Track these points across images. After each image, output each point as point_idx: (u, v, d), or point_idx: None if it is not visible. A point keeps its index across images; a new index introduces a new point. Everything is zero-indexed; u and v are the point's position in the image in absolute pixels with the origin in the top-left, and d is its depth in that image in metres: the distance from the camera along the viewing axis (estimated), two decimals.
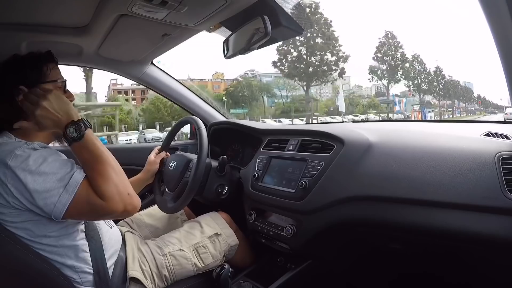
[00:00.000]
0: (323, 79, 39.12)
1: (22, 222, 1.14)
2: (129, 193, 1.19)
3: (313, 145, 1.60)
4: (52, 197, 1.09)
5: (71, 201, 1.10)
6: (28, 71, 1.27)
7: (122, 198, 1.15)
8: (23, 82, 1.23)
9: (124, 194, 1.16)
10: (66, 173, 1.12)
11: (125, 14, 1.39)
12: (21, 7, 1.36)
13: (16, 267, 1.16)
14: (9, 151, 1.11)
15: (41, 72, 1.29)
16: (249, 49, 1.48)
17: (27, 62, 1.29)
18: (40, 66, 1.29)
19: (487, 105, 66.20)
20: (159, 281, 1.45)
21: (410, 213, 1.20)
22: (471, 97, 61.56)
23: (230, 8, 1.35)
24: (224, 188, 1.79)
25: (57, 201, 1.09)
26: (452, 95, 50.81)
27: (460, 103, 55.27)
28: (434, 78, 48.52)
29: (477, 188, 1.08)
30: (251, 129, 2.11)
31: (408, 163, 1.25)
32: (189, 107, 2.48)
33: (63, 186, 1.10)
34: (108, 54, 1.98)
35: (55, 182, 1.10)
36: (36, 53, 1.33)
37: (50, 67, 1.31)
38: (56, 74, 1.34)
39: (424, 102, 48.47)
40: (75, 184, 1.11)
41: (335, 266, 1.65)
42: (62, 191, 1.09)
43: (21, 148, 1.12)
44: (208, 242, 1.60)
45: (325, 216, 1.41)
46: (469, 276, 1.42)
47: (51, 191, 1.09)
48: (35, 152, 1.13)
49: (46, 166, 1.11)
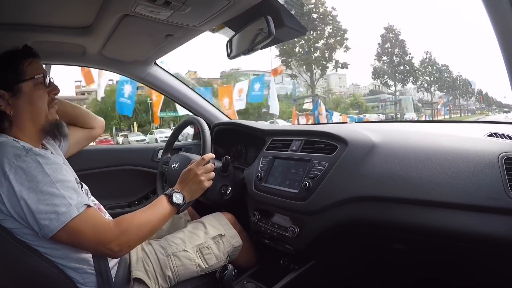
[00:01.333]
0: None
1: (20, 228, 1.15)
2: (130, 245, 1.27)
3: (317, 145, 1.60)
4: (41, 220, 1.09)
5: (61, 229, 1.10)
6: (5, 72, 1.26)
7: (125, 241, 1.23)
8: (1, 85, 1.24)
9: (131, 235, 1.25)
10: (64, 200, 1.13)
11: (128, 15, 1.40)
12: (25, 7, 1.36)
13: (18, 268, 1.17)
14: (9, 157, 1.11)
15: (17, 71, 1.27)
16: (253, 50, 1.48)
17: (3, 62, 1.28)
18: (15, 64, 1.28)
19: (489, 102, 63.05)
20: (163, 282, 1.44)
21: (414, 214, 1.19)
22: (470, 92, 55.93)
23: (234, 8, 1.35)
24: (227, 189, 1.79)
25: (45, 225, 1.10)
26: (446, 87, 48.11)
27: (457, 100, 52.10)
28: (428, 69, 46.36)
29: (480, 188, 1.07)
30: (254, 130, 2.10)
31: (412, 163, 1.25)
32: (193, 108, 2.48)
33: (56, 213, 1.10)
34: (112, 55, 1.98)
35: (49, 206, 1.10)
36: (12, 51, 1.31)
37: (25, 64, 1.29)
38: (34, 70, 1.31)
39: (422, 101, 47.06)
40: (68, 216, 1.11)
41: (338, 267, 1.65)
42: (53, 217, 1.10)
43: (21, 157, 1.12)
44: (211, 243, 1.60)
45: (328, 216, 1.41)
46: (473, 276, 1.41)
47: (43, 213, 1.09)
48: (36, 166, 1.13)
49: (44, 185, 1.11)
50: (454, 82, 49.12)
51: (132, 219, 1.25)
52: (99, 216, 1.22)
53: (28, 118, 1.28)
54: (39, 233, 1.11)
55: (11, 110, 1.25)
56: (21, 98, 1.27)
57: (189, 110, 2.50)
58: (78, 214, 1.13)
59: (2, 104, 1.24)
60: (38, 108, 1.31)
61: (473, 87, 54.22)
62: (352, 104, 51.18)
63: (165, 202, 1.36)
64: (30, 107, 1.29)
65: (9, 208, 1.10)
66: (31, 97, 1.29)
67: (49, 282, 1.20)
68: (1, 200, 1.10)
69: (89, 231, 1.15)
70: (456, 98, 50.41)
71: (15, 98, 1.26)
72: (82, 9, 1.43)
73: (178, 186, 1.46)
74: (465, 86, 52.14)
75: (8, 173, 1.09)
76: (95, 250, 1.25)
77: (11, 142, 1.17)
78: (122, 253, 1.24)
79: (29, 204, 1.08)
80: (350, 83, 52.48)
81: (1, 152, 1.12)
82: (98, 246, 1.20)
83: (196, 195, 1.50)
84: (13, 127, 1.26)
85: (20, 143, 1.17)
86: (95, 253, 1.28)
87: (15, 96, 1.26)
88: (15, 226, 1.14)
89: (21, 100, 1.27)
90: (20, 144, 1.16)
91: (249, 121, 2.29)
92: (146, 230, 1.28)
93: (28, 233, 1.15)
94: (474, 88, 53.79)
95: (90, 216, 1.17)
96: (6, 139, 1.19)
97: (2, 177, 1.09)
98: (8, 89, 1.25)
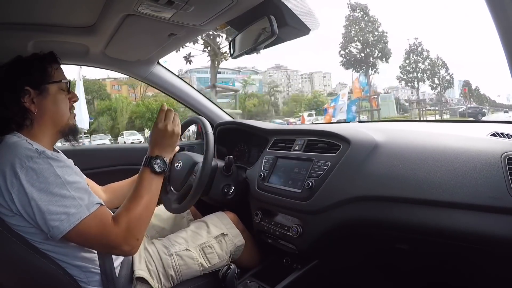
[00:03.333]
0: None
1: (27, 226, 1.14)
2: (138, 239, 1.24)
3: (320, 145, 1.60)
4: (51, 221, 1.09)
5: (70, 230, 1.10)
6: (34, 72, 1.29)
7: (132, 235, 1.21)
8: (29, 83, 1.26)
9: (137, 233, 1.23)
10: (74, 201, 1.13)
11: (131, 14, 1.40)
12: (28, 7, 1.36)
13: (21, 267, 1.17)
14: (20, 158, 1.11)
15: (46, 73, 1.32)
16: (256, 49, 1.48)
17: (31, 63, 1.31)
18: (45, 66, 1.32)
19: (481, 100, 59.07)
20: (166, 281, 1.45)
21: (417, 213, 1.19)
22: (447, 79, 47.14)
23: (237, 8, 1.35)
24: (230, 188, 1.79)
25: (55, 226, 1.09)
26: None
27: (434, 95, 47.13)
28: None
29: (483, 188, 1.07)
30: (257, 129, 2.11)
31: (415, 163, 1.25)
32: (196, 107, 2.48)
33: (66, 214, 1.10)
34: (115, 54, 1.99)
35: (60, 207, 1.10)
36: (40, 54, 1.35)
37: (54, 68, 1.34)
38: (60, 75, 1.37)
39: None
40: (78, 217, 1.11)
41: (341, 267, 1.65)
42: (64, 218, 1.10)
43: (33, 159, 1.12)
44: (214, 242, 1.60)
45: (331, 216, 1.41)
46: (476, 276, 1.41)
47: (53, 214, 1.09)
48: (47, 167, 1.13)
49: (55, 187, 1.11)
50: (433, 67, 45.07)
51: (127, 213, 1.23)
52: (110, 216, 1.22)
53: (50, 118, 1.31)
54: (48, 234, 1.11)
55: (35, 108, 1.27)
56: (47, 98, 1.30)
57: (192, 109, 2.50)
58: (89, 214, 1.13)
59: (27, 101, 1.26)
60: (62, 110, 1.35)
61: (450, 73, 47.45)
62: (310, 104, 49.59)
63: (149, 176, 1.35)
64: (54, 108, 1.32)
65: (19, 208, 1.10)
66: (56, 98, 1.32)
67: (51, 280, 1.20)
68: (11, 200, 1.10)
69: (98, 232, 1.15)
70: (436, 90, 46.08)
71: (41, 97, 1.29)
72: (85, 9, 1.43)
73: (153, 150, 1.42)
74: (443, 67, 46.68)
75: (20, 174, 1.09)
76: (106, 251, 1.27)
77: (24, 143, 1.17)
78: (134, 250, 1.24)
79: (39, 205, 1.08)
80: (337, 82, 50.93)
81: (13, 152, 1.13)
82: (108, 248, 1.22)
83: (174, 146, 1.48)
84: (34, 126, 1.27)
85: (33, 145, 1.17)
86: (108, 253, 1.30)
87: (41, 95, 1.29)
88: (23, 224, 1.14)
89: (47, 100, 1.30)
90: (33, 147, 1.16)
91: (252, 121, 2.29)
92: (145, 214, 1.28)
93: (34, 232, 1.15)
94: (451, 74, 47.17)
95: (100, 216, 1.17)
96: (19, 139, 1.19)
97: (13, 177, 1.09)
98: (35, 87, 1.27)
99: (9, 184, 1.09)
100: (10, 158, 1.11)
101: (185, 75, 52.99)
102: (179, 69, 53.68)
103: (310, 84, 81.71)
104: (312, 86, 79.83)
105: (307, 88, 76.91)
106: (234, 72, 67.40)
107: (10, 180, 1.09)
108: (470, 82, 60.78)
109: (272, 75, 79.56)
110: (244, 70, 73.05)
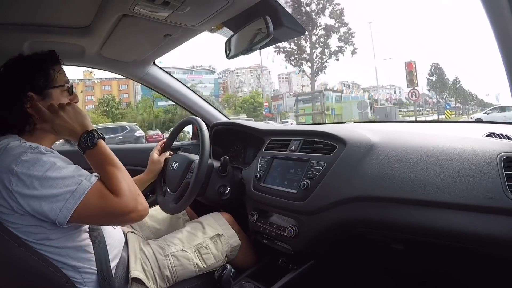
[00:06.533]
0: None
1: (24, 225, 1.14)
2: (139, 194, 1.23)
3: (315, 145, 1.60)
4: (58, 202, 1.09)
5: (77, 207, 1.10)
6: (37, 77, 1.26)
7: (134, 196, 1.19)
8: (32, 89, 1.24)
9: (135, 193, 1.21)
10: (74, 179, 1.13)
11: (127, 15, 1.40)
12: (23, 7, 1.36)
13: (17, 267, 1.16)
14: (15, 157, 1.11)
15: (48, 77, 1.28)
16: (251, 49, 1.48)
17: (34, 66, 1.28)
18: (47, 69, 1.29)
19: (466, 99, 55.96)
20: (161, 282, 1.45)
21: (412, 214, 1.19)
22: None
23: (232, 8, 1.36)
24: (226, 189, 1.80)
25: (63, 206, 1.09)
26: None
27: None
28: None
29: (479, 188, 1.08)
30: (253, 130, 2.10)
31: (410, 163, 1.25)
32: (191, 108, 2.48)
33: (71, 192, 1.10)
34: (110, 55, 1.99)
35: (62, 188, 1.10)
36: (41, 55, 1.32)
37: (56, 70, 1.31)
38: (62, 77, 1.34)
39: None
40: (82, 190, 1.11)
41: (337, 267, 1.65)
42: (69, 196, 1.09)
43: (26, 153, 1.12)
44: (210, 243, 1.60)
45: (327, 216, 1.41)
46: (472, 277, 1.42)
47: (58, 196, 1.09)
48: (41, 157, 1.13)
49: (53, 172, 1.11)
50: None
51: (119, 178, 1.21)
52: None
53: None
54: (56, 221, 1.10)
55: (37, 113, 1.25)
56: (49, 103, 1.26)
57: (188, 110, 2.50)
58: (91, 185, 1.13)
59: (29, 107, 1.23)
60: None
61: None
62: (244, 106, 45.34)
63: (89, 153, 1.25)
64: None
65: (21, 203, 1.09)
66: (59, 103, 1.27)
67: (47, 281, 1.19)
68: (12, 197, 1.09)
69: (103, 201, 1.14)
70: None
71: (44, 102, 1.25)
72: (81, 9, 1.43)
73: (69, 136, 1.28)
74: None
75: (16, 169, 1.08)
76: (121, 216, 1.19)
77: (18, 143, 1.17)
78: (144, 208, 1.22)
79: (43, 192, 1.08)
80: (319, 83, 48.52)
81: (8, 154, 1.12)
82: (118, 215, 1.17)
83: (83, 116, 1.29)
84: (35, 130, 1.26)
85: (27, 143, 1.17)
86: (121, 222, 1.32)
87: (44, 100, 1.26)
88: (21, 222, 1.13)
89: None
90: (27, 144, 1.16)
91: (248, 121, 2.29)
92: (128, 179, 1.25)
93: (30, 232, 1.15)
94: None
95: (102, 185, 1.17)
96: (16, 142, 1.18)
97: (10, 175, 1.08)
98: (38, 93, 1.25)
99: (7, 182, 1.08)
100: (7, 162, 1.10)
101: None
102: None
103: (288, 85, 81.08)
104: (290, 87, 79.08)
105: (284, 89, 76.18)
106: (185, 72, 64.90)
107: (8, 179, 1.08)
108: (458, 78, 57.66)
109: (240, 75, 77.61)
110: (198, 69, 69.12)
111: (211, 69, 71.31)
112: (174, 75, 2.49)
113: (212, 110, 2.55)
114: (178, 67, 61.97)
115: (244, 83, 74.33)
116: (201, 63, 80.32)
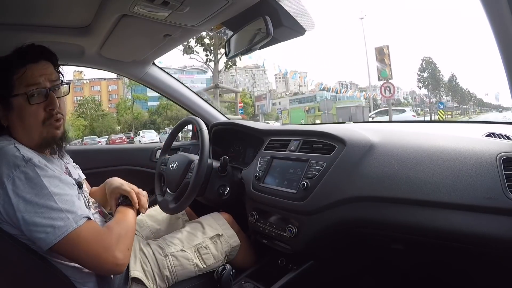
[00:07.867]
0: None
1: (18, 235, 1.13)
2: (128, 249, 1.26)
3: (315, 145, 1.60)
4: (37, 233, 1.08)
5: (57, 243, 1.08)
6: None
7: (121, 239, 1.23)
8: None
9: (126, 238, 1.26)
10: (61, 214, 1.10)
11: (126, 15, 1.40)
12: (23, 7, 1.36)
13: (15, 267, 1.16)
14: (7, 167, 1.09)
15: (7, 84, 1.19)
16: (251, 50, 1.49)
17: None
18: (6, 75, 1.19)
19: (463, 98, 54.81)
20: (161, 282, 1.44)
21: (412, 214, 1.19)
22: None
23: (232, 8, 1.36)
24: (225, 189, 1.80)
25: (41, 238, 1.08)
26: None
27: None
28: None
29: (478, 189, 1.08)
30: (252, 130, 2.10)
31: (410, 163, 1.25)
32: (191, 108, 2.48)
33: (53, 227, 1.08)
34: (110, 55, 1.99)
35: (46, 220, 1.08)
36: (8, 56, 1.22)
37: (17, 75, 1.19)
38: (27, 82, 1.19)
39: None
40: (65, 230, 1.09)
41: (336, 267, 1.65)
42: (49, 230, 1.08)
43: (19, 168, 1.09)
44: (209, 243, 1.60)
45: (326, 216, 1.41)
46: (471, 277, 1.42)
47: (39, 227, 1.07)
48: (34, 176, 1.10)
49: (41, 198, 1.09)
50: None
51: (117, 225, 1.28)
52: (99, 228, 1.20)
53: (22, 132, 1.23)
54: (36, 245, 1.10)
55: (5, 122, 1.23)
56: (13, 113, 1.21)
57: (188, 110, 2.50)
58: (77, 227, 1.11)
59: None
60: (29, 125, 1.22)
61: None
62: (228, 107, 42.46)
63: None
64: (21, 123, 1.22)
65: (5, 217, 1.09)
66: (22, 113, 1.20)
67: (45, 281, 1.19)
68: None
69: (89, 244, 1.13)
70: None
71: (7, 111, 1.21)
72: (80, 9, 1.43)
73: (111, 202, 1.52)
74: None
75: (6, 184, 1.07)
76: (97, 263, 1.17)
77: (12, 149, 1.14)
78: (126, 260, 1.21)
79: (25, 217, 1.06)
80: (316, 83, 47.38)
81: (2, 161, 1.10)
82: (100, 259, 1.16)
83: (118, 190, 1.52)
84: (12, 136, 1.23)
85: (21, 151, 1.14)
86: (96, 268, 1.22)
87: (7, 109, 1.21)
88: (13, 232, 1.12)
89: (13, 115, 1.21)
90: (21, 153, 1.13)
91: (247, 121, 2.29)
92: (131, 232, 1.30)
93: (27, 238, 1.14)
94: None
95: (90, 229, 1.15)
96: (8, 145, 1.15)
97: (0, 188, 1.07)
98: (1, 101, 1.21)
99: None
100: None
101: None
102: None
103: (284, 85, 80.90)
104: (287, 87, 78.91)
105: (281, 89, 76.08)
106: (177, 72, 61.54)
107: None
108: (455, 75, 56.14)
109: (235, 75, 77.12)
110: (189, 69, 67.07)
111: (203, 69, 69.31)
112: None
113: (212, 110, 2.55)
114: (171, 67, 60.74)
115: (239, 83, 73.92)
116: (193, 62, 78.80)
